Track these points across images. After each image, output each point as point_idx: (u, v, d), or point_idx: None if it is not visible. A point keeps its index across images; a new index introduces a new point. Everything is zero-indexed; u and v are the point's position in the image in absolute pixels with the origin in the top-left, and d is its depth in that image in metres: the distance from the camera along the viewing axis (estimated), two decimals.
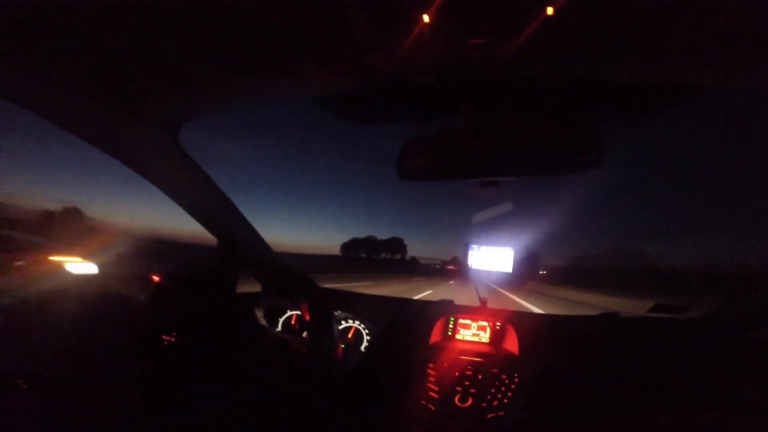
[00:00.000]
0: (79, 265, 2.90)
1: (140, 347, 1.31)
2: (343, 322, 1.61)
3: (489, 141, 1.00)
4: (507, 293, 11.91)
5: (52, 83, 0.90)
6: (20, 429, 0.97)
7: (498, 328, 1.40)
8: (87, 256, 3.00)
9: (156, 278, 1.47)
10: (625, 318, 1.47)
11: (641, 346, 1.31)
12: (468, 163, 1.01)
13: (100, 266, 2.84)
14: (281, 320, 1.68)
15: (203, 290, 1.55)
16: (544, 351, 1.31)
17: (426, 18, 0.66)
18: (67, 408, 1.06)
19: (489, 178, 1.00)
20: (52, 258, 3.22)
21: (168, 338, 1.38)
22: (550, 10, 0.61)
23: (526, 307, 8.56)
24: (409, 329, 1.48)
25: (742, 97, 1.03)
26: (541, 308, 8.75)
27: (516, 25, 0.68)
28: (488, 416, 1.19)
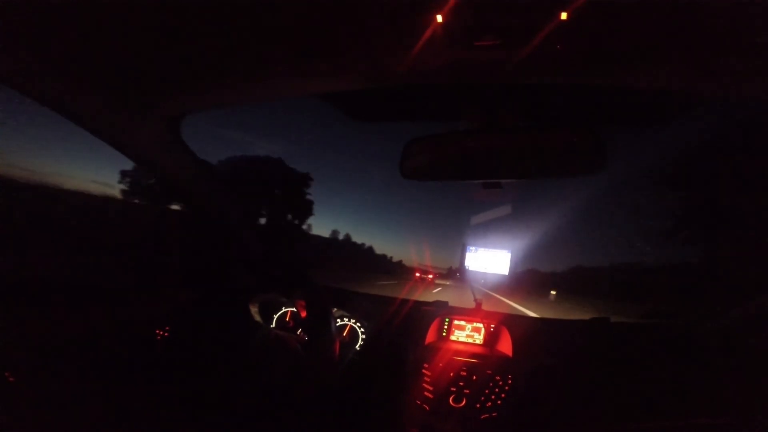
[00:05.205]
0: None
1: (133, 341, 1.28)
2: (338, 320, 1.60)
3: (493, 142, 1.00)
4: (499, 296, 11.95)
5: (65, 83, 0.93)
6: (8, 422, 0.95)
7: (492, 329, 1.41)
8: None
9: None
10: (616, 323, 1.49)
11: (632, 350, 1.33)
12: (471, 164, 1.02)
13: None
14: (276, 317, 1.67)
15: (198, 283, 1.53)
16: (537, 353, 1.32)
17: (439, 18, 0.66)
18: (56, 401, 1.04)
19: (491, 180, 1.01)
20: None
21: (161, 332, 1.36)
22: (564, 15, 0.61)
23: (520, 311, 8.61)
24: (404, 329, 1.48)
25: (747, 106, 1.05)
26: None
27: (526, 29, 0.69)
28: (482, 417, 1.20)
